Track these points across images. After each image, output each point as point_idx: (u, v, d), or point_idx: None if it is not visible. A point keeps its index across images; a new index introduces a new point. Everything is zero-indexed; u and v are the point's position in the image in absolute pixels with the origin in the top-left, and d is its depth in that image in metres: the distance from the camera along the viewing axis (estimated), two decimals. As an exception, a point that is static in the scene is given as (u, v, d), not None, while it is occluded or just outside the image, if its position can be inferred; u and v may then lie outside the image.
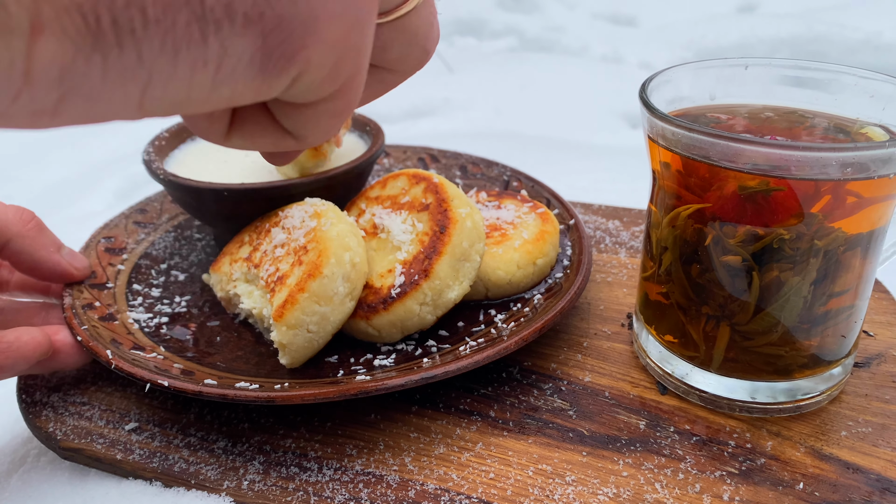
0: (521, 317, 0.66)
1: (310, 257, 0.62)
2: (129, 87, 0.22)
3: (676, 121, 0.54)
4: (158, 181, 0.73)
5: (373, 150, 0.77)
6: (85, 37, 0.20)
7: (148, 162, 0.75)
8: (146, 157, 0.76)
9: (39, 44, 0.19)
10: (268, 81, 0.26)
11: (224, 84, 0.24)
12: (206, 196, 0.71)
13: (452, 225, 0.64)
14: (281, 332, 0.60)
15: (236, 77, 0.25)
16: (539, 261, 0.70)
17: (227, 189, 0.70)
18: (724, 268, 0.57)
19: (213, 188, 0.70)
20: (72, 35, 0.20)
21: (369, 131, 0.84)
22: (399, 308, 0.63)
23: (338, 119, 0.32)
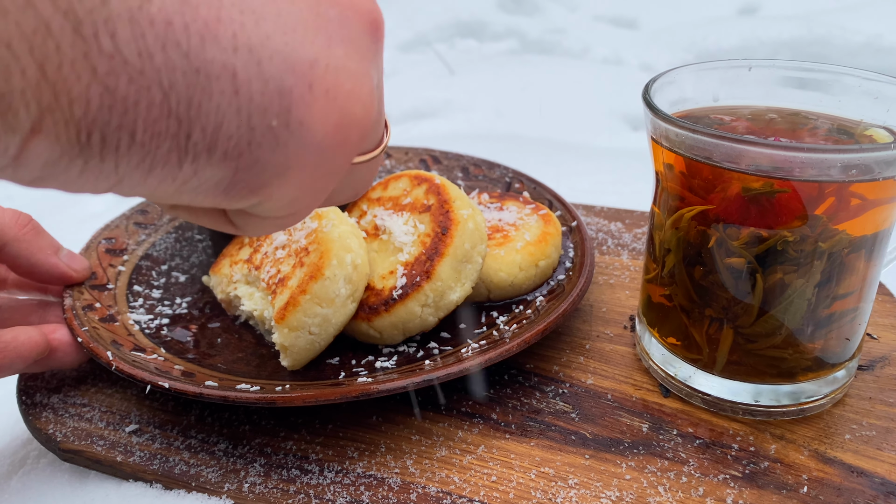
0: (524, 319, 0.66)
1: (311, 259, 0.62)
2: (99, 183, 0.24)
3: (680, 122, 0.54)
4: None
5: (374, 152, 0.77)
6: (74, 146, 0.22)
7: None
8: None
9: (34, 142, 0.22)
10: (228, 202, 0.28)
11: (187, 195, 0.27)
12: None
13: (454, 226, 0.64)
14: (282, 333, 0.60)
15: (200, 193, 0.27)
16: (541, 263, 0.70)
17: None
18: (728, 270, 0.57)
19: None
20: (63, 142, 0.22)
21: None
22: (400, 310, 0.62)
23: (281, 228, 0.34)
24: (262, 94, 0.25)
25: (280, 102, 0.25)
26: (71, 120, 0.22)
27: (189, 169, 0.25)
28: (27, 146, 0.22)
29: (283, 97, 0.25)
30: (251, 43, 0.24)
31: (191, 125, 0.24)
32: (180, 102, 0.23)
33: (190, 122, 0.24)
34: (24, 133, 0.21)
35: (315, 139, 0.27)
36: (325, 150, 0.28)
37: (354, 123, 0.28)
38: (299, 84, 0.26)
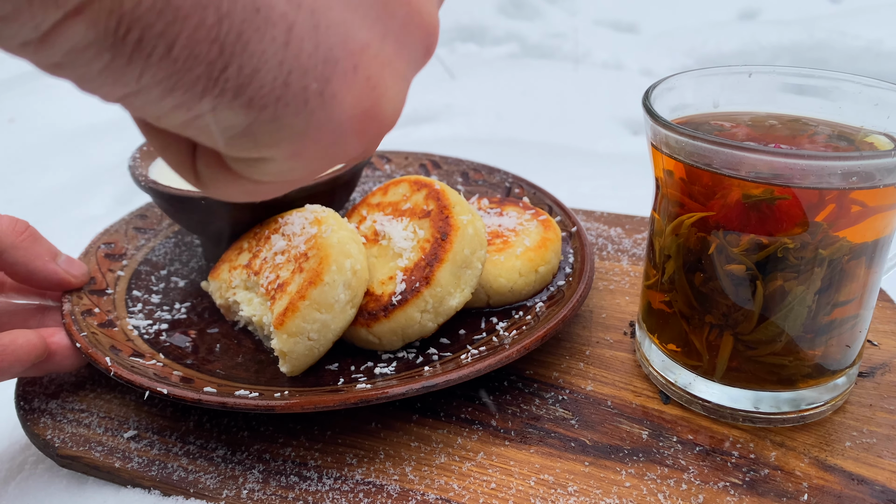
0: (523, 325, 0.66)
1: (310, 264, 0.62)
2: (115, 88, 0.23)
3: (680, 129, 0.54)
4: (140, 187, 0.72)
5: (357, 160, 0.77)
6: (108, 37, 0.21)
7: (132, 168, 0.75)
8: (131, 163, 0.76)
9: (71, 22, 0.21)
10: (228, 148, 0.27)
11: (192, 129, 0.26)
12: (185, 204, 0.70)
13: (454, 232, 0.64)
14: (281, 339, 0.60)
15: (207, 131, 0.26)
16: (541, 268, 0.69)
17: (205, 198, 0.69)
18: (728, 277, 0.57)
19: (191, 196, 0.69)
20: (99, 30, 0.21)
21: None
22: (400, 315, 0.62)
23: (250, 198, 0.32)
24: (310, 57, 0.24)
25: (323, 70, 0.25)
26: (116, 10, 0.21)
27: (208, 104, 0.24)
28: (63, 26, 0.21)
29: (328, 66, 0.25)
30: (315, 5, 0.24)
31: (231, 58, 0.23)
32: (230, 32, 0.23)
33: (231, 55, 0.23)
34: (67, 10, 0.20)
35: (341, 117, 0.27)
36: (344, 132, 0.27)
37: (379, 119, 0.28)
38: (346, 60, 0.26)
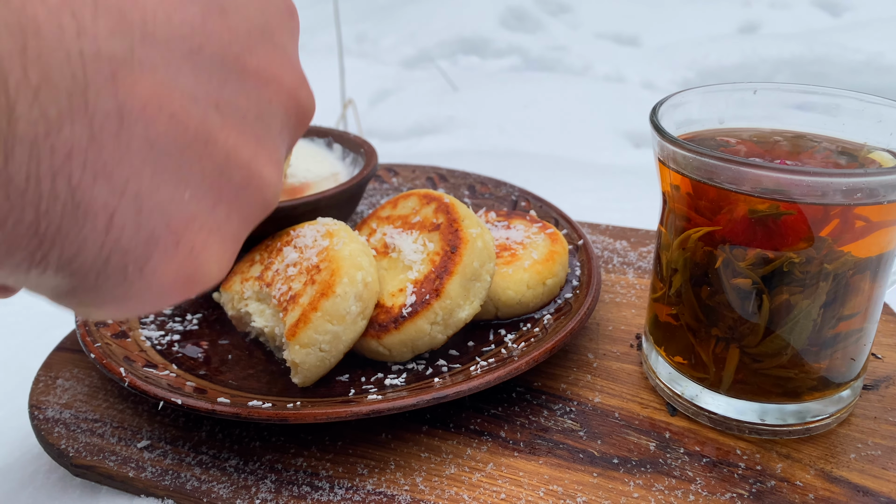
0: (532, 337, 0.66)
1: (322, 276, 0.63)
2: None
3: (687, 145, 0.55)
4: None
5: (364, 173, 0.78)
6: None
7: None
8: None
9: None
10: (60, 302, 0.28)
11: (24, 286, 0.26)
12: None
13: (463, 245, 0.65)
14: (293, 350, 0.61)
15: (37, 289, 0.27)
16: (548, 281, 0.70)
17: None
18: (734, 290, 0.57)
19: None
20: None
21: (363, 153, 0.84)
22: (410, 327, 0.63)
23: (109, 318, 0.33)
24: (131, 239, 0.25)
25: (144, 250, 0.25)
26: None
27: (34, 274, 0.25)
28: None
29: (149, 246, 0.26)
30: (140, 189, 0.24)
31: (51, 246, 0.23)
32: (50, 227, 0.23)
33: (52, 244, 0.23)
34: None
35: (160, 288, 0.27)
36: (165, 296, 0.28)
37: (203, 281, 0.29)
38: (168, 238, 0.26)
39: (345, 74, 2.26)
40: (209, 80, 0.26)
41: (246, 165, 0.28)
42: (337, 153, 0.88)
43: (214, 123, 0.26)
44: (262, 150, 0.29)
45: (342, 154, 0.88)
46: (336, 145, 0.88)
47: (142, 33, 0.23)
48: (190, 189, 0.26)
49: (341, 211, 0.77)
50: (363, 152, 0.84)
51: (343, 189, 0.74)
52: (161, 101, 0.24)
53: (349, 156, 0.87)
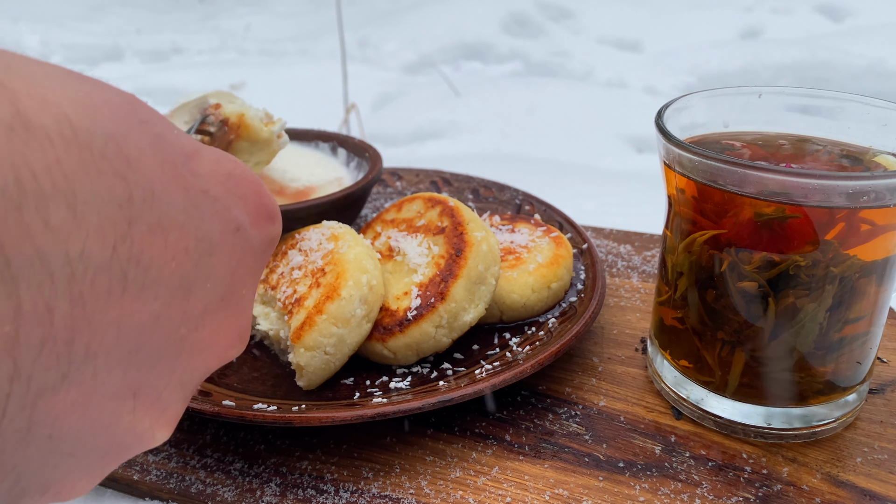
0: (536, 340, 0.66)
1: (327, 279, 0.63)
2: None
3: (693, 148, 0.55)
4: None
5: (369, 177, 0.78)
6: None
7: None
8: None
9: None
10: None
11: None
12: None
13: (468, 248, 0.65)
14: (298, 353, 0.61)
15: None
16: (553, 284, 0.70)
17: None
18: (740, 294, 0.57)
19: None
20: None
21: (368, 157, 0.84)
22: (415, 330, 0.63)
23: None
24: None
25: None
26: None
27: None
28: None
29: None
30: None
31: None
32: None
33: None
34: None
35: None
36: None
37: None
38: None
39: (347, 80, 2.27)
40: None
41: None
42: (341, 158, 0.88)
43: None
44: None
45: (346, 158, 0.88)
46: (340, 150, 0.88)
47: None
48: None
49: (346, 215, 0.77)
50: (368, 156, 0.84)
51: (347, 193, 0.74)
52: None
53: (353, 160, 0.87)
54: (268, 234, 0.33)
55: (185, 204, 0.27)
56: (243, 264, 0.31)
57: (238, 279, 0.31)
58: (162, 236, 0.26)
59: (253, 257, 0.32)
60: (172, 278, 0.27)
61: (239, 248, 0.30)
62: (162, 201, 0.26)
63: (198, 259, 0.28)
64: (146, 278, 0.25)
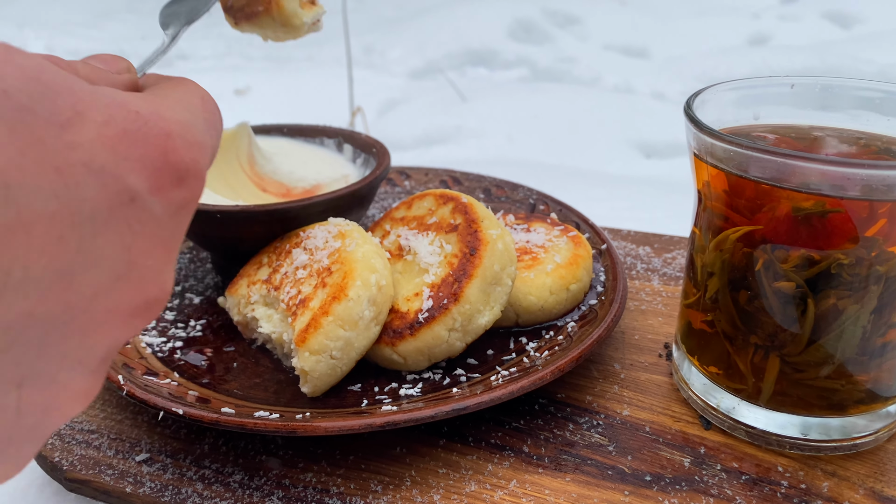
0: (555, 345, 0.63)
1: (334, 279, 0.59)
2: None
3: (728, 137, 0.51)
4: None
5: (376, 173, 0.74)
6: None
7: None
8: None
9: None
10: None
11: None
12: (198, 218, 0.68)
13: (483, 247, 0.61)
14: (303, 357, 0.57)
15: None
16: (572, 286, 0.66)
17: (221, 211, 0.66)
18: (776, 295, 0.54)
19: (206, 210, 0.67)
20: None
21: (375, 153, 0.81)
22: (427, 334, 0.59)
23: None
24: None
25: None
26: None
27: None
28: None
29: None
30: None
31: None
32: None
33: None
34: None
35: None
36: None
37: None
38: None
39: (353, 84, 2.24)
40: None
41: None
42: (347, 155, 0.85)
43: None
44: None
45: (353, 155, 0.84)
46: (347, 146, 0.85)
47: None
48: None
49: (352, 213, 0.73)
50: (375, 152, 0.81)
51: (354, 189, 0.71)
52: None
53: (360, 156, 0.83)
54: (177, 199, 0.29)
55: (55, 188, 0.24)
56: (143, 237, 0.27)
57: (138, 254, 0.27)
58: (23, 234, 0.23)
59: (157, 226, 0.28)
60: (45, 273, 0.24)
61: (136, 221, 0.27)
62: (19, 194, 0.22)
63: (78, 244, 0.25)
64: (8, 281, 0.23)
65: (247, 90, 2.65)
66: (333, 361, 0.58)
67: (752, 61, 2.97)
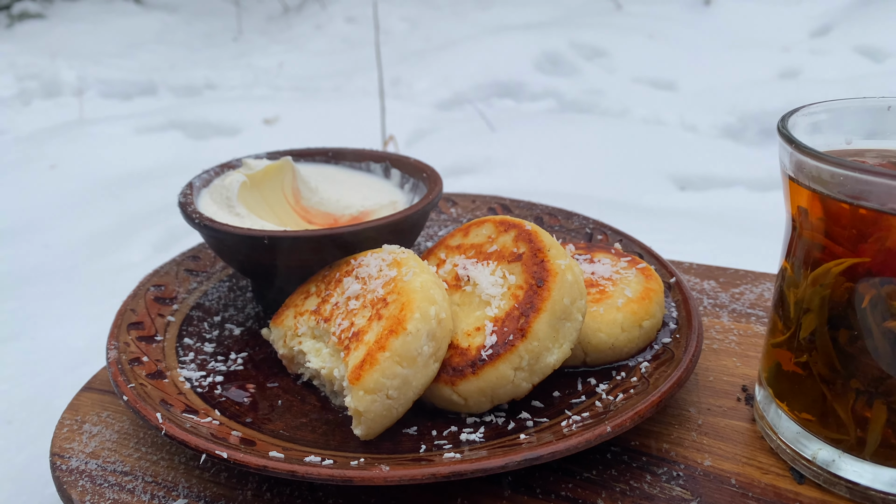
0: (629, 387, 0.57)
1: (391, 311, 0.54)
2: None
3: (833, 158, 0.46)
4: (192, 224, 0.66)
5: (429, 198, 0.69)
6: None
7: (183, 204, 0.69)
8: (182, 199, 0.70)
9: None
10: None
11: None
12: (244, 244, 0.64)
13: (552, 278, 0.56)
14: (357, 396, 0.52)
15: None
16: (645, 323, 0.61)
17: (269, 236, 0.62)
18: (885, 336, 0.48)
19: (253, 235, 0.63)
20: None
21: (426, 179, 0.76)
22: (490, 373, 0.54)
23: None
24: None
25: None
26: None
27: None
28: None
29: None
30: None
31: None
32: None
33: None
34: None
35: None
36: None
37: None
38: None
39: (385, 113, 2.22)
40: None
41: None
42: (395, 180, 0.81)
43: None
44: None
45: (400, 180, 0.80)
46: (394, 171, 0.81)
47: None
48: None
49: (403, 241, 0.69)
50: (426, 177, 0.76)
51: (408, 215, 0.66)
52: None
53: (408, 181, 0.79)
54: None
55: None
56: None
57: None
58: None
59: None
60: None
61: None
62: None
63: None
64: None
65: (275, 120, 2.65)
66: (389, 402, 0.53)
67: (786, 93, 2.92)
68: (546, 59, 3.63)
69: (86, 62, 3.57)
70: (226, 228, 0.64)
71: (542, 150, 2.40)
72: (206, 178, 0.75)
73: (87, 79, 3.34)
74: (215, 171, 0.77)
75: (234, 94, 3.30)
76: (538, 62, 3.60)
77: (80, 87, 3.21)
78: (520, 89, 3.39)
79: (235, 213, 0.69)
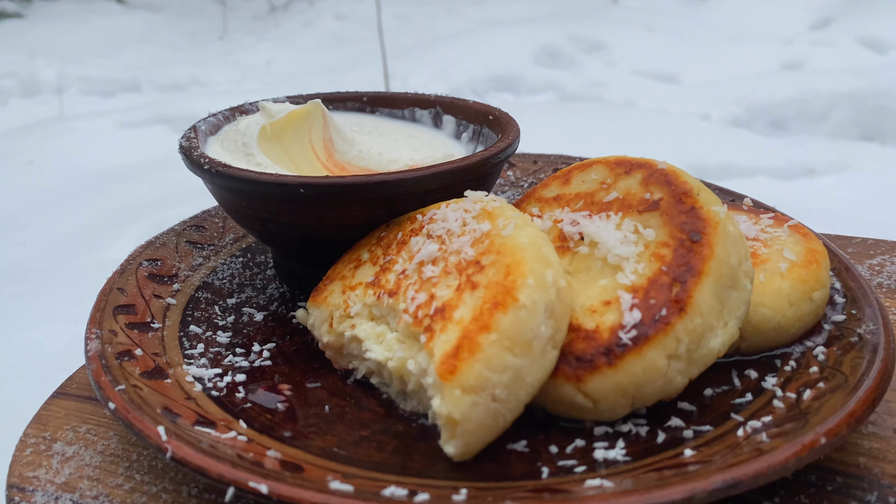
0: (813, 381, 0.41)
1: (491, 276, 0.38)
2: None
3: None
4: (199, 172, 0.50)
5: (508, 142, 0.53)
6: None
7: (186, 148, 0.52)
8: (185, 143, 0.53)
9: None
10: None
11: None
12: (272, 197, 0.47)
13: (711, 229, 0.40)
14: (452, 398, 0.36)
15: None
16: (815, 294, 0.46)
17: (304, 184, 0.46)
18: None
19: (282, 182, 0.46)
20: None
21: (493, 122, 0.60)
22: (635, 363, 0.38)
23: None
24: None
25: None
26: None
27: None
28: None
29: None
30: None
31: None
32: None
33: None
34: None
35: None
36: None
37: None
38: None
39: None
40: None
41: None
42: (448, 129, 0.64)
43: None
44: None
45: (455, 129, 0.64)
46: (447, 118, 0.64)
47: None
48: None
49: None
50: (492, 120, 0.60)
51: (485, 158, 0.50)
52: None
53: (467, 130, 0.63)
54: None
55: None
56: None
57: None
58: None
59: None
60: None
61: None
62: None
63: None
64: None
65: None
66: (496, 405, 0.36)
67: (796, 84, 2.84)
68: (544, 52, 3.53)
69: (66, 61, 3.45)
70: (247, 175, 0.47)
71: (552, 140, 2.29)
72: (213, 123, 0.59)
73: (68, 77, 3.21)
74: (224, 116, 0.61)
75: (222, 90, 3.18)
76: (536, 56, 3.50)
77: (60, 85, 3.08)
78: (518, 83, 3.29)
79: (256, 162, 0.53)
